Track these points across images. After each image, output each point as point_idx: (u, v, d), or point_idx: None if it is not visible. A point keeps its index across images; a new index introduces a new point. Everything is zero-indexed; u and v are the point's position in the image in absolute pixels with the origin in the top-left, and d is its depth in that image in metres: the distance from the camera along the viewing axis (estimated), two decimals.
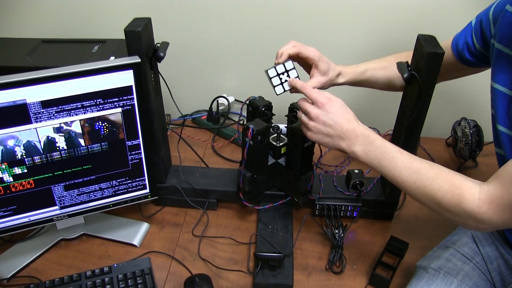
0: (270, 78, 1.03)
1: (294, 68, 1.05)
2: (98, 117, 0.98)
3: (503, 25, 0.93)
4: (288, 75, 1.04)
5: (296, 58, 1.08)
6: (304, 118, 0.95)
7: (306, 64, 1.09)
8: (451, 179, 0.85)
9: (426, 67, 0.97)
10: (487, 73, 1.49)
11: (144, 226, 1.20)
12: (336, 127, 0.92)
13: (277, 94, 1.04)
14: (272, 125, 1.18)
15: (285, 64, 1.04)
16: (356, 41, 1.49)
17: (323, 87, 1.09)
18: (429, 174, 0.87)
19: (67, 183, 1.04)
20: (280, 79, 1.04)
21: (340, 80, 1.13)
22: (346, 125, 0.92)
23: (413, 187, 0.88)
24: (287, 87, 1.04)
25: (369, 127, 1.43)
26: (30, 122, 0.92)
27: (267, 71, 1.03)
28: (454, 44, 1.10)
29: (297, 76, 1.04)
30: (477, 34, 1.03)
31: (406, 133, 1.09)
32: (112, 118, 1.00)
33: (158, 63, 1.09)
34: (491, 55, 0.97)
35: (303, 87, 0.98)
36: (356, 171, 1.22)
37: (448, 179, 0.85)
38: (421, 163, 0.89)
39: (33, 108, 0.91)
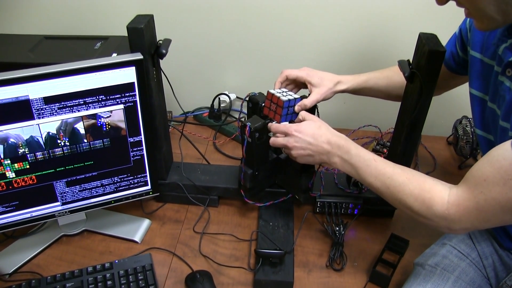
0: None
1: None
2: (100, 113, 0.99)
3: (475, 32, 0.98)
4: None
5: (291, 82, 1.19)
6: (286, 151, 1.04)
7: (303, 84, 1.18)
8: (421, 184, 0.87)
9: (427, 65, 0.97)
10: None
11: (146, 222, 1.20)
12: (312, 146, 0.98)
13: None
14: (274, 122, 1.18)
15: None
16: (357, 40, 1.49)
17: (324, 98, 1.16)
18: (401, 179, 0.90)
19: (69, 179, 1.05)
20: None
21: (340, 87, 1.18)
22: (319, 141, 0.98)
23: (387, 192, 0.92)
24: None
25: (371, 125, 1.44)
26: (32, 118, 0.93)
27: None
28: None
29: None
30: (459, 42, 1.08)
31: (407, 132, 1.09)
32: (114, 114, 1.00)
33: (160, 60, 1.09)
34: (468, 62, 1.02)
35: (269, 127, 1.06)
36: None
37: (419, 183, 0.88)
38: (393, 168, 0.92)
39: (35, 104, 0.91)
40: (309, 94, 1.15)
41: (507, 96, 0.84)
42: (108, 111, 0.99)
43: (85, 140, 1.00)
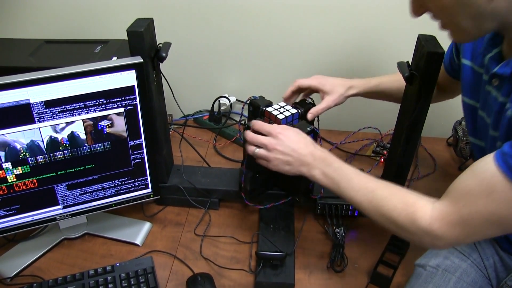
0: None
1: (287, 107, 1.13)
2: (100, 117, 0.99)
3: (467, 44, 0.99)
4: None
5: (303, 90, 1.21)
6: (262, 151, 0.98)
7: (315, 91, 1.21)
8: (405, 198, 0.86)
9: (426, 67, 0.97)
10: None
11: (146, 225, 1.21)
12: (294, 154, 0.95)
13: None
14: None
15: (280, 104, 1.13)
16: (357, 42, 1.49)
17: (336, 103, 1.18)
18: (383, 194, 0.88)
19: (70, 182, 1.05)
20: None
21: (352, 92, 1.20)
22: (303, 150, 0.95)
23: (370, 207, 0.89)
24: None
25: (371, 127, 1.44)
26: (33, 122, 0.93)
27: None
28: (444, 59, 1.14)
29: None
30: (455, 48, 1.10)
31: (407, 133, 1.09)
32: (114, 118, 1.00)
33: (160, 64, 1.09)
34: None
35: (253, 124, 1.02)
36: None
37: (402, 197, 0.86)
38: (376, 183, 0.91)
39: (36, 108, 0.92)
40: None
41: (495, 107, 0.84)
42: (108, 115, 0.99)
43: (86, 144, 1.01)
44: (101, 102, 0.97)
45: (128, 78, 0.97)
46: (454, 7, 0.76)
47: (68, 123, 0.96)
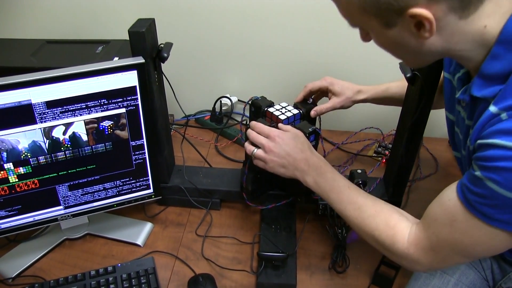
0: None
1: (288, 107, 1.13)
2: (102, 117, 0.99)
3: None
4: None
5: (315, 93, 1.22)
6: (259, 152, 0.98)
7: (325, 94, 1.23)
8: (388, 219, 0.88)
9: (428, 67, 0.97)
10: None
11: (148, 226, 1.21)
12: (289, 158, 0.95)
13: None
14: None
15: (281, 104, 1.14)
16: (359, 42, 1.48)
17: (342, 106, 1.20)
18: (369, 212, 0.90)
19: (71, 183, 1.05)
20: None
21: (360, 96, 1.21)
22: (299, 155, 0.95)
23: (355, 223, 0.91)
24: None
25: (372, 127, 1.44)
26: (35, 123, 0.93)
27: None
28: (444, 62, 1.13)
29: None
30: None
31: (409, 133, 1.09)
32: (116, 118, 1.00)
33: (162, 64, 1.09)
34: None
35: (253, 126, 1.02)
36: (359, 171, 1.22)
37: (386, 218, 0.88)
38: (365, 199, 0.92)
39: (38, 108, 0.92)
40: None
41: (463, 128, 0.83)
42: (110, 115, 0.99)
43: (87, 144, 1.01)
44: (102, 103, 0.97)
45: (130, 79, 0.97)
46: (390, 46, 0.76)
47: (69, 124, 0.96)
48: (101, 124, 1.00)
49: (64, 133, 0.97)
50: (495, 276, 1.00)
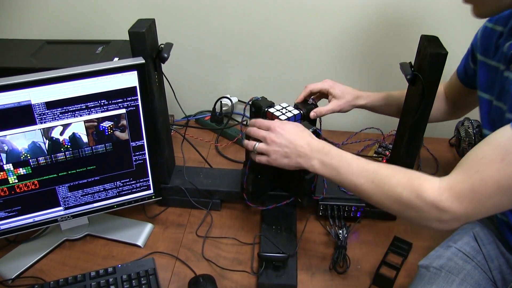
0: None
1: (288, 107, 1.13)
2: (102, 118, 0.99)
3: (482, 39, 1.03)
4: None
5: (315, 94, 1.22)
6: (261, 144, 0.98)
7: (325, 96, 1.23)
8: (409, 173, 0.84)
9: (429, 68, 0.97)
10: None
11: (148, 226, 1.20)
12: (291, 145, 0.95)
13: None
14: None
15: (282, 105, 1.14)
16: (359, 43, 1.49)
17: (341, 109, 1.20)
18: (386, 172, 0.86)
19: (71, 183, 1.05)
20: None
21: (360, 102, 1.22)
22: (300, 141, 0.95)
23: (371, 187, 0.87)
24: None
25: (373, 128, 1.43)
26: (35, 123, 0.93)
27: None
28: (458, 70, 1.19)
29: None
30: (471, 56, 1.12)
31: (410, 133, 1.09)
32: (116, 119, 1.00)
33: (162, 64, 1.09)
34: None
35: (252, 122, 1.03)
36: None
37: (406, 173, 0.85)
38: (377, 164, 0.90)
39: (37, 109, 0.91)
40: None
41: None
42: (110, 116, 0.99)
43: (88, 145, 1.00)
44: (102, 103, 0.97)
45: (130, 79, 0.97)
46: None
47: (69, 124, 0.96)
48: (101, 124, 0.99)
49: (64, 133, 0.97)
50: (506, 276, 0.99)
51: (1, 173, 0.96)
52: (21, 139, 0.93)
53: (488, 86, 0.98)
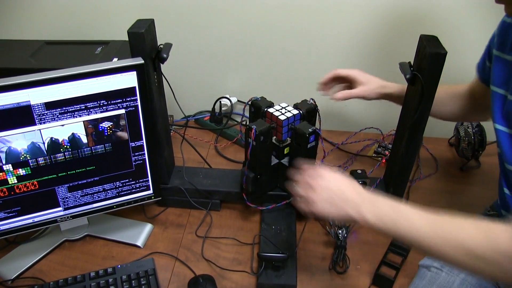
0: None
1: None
2: (101, 118, 0.99)
3: (499, 34, 1.01)
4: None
5: (338, 78, 1.25)
6: (307, 191, 0.88)
7: (347, 81, 1.25)
8: (477, 224, 0.76)
9: (428, 68, 0.97)
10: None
11: (148, 227, 1.20)
12: (338, 191, 0.86)
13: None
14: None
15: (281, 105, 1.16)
16: (358, 41, 1.49)
17: (366, 96, 1.21)
18: (453, 223, 0.78)
19: (71, 184, 1.05)
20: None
21: (386, 90, 1.23)
22: (350, 189, 0.86)
23: (438, 241, 0.77)
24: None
25: (372, 127, 1.43)
26: (34, 124, 0.93)
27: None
28: (477, 69, 1.16)
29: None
30: (488, 52, 1.10)
31: (409, 133, 1.09)
32: (115, 119, 1.00)
33: (161, 64, 1.09)
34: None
35: (300, 167, 0.94)
36: (359, 171, 1.22)
37: (475, 224, 0.76)
38: (439, 215, 0.80)
39: (37, 109, 0.91)
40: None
41: None
42: (109, 116, 0.99)
43: (87, 145, 1.00)
44: (102, 104, 0.97)
45: (129, 79, 0.97)
46: None
47: (69, 125, 0.96)
48: (101, 125, 0.99)
49: (63, 134, 0.97)
50: None
51: (1, 173, 0.95)
52: (20, 139, 0.93)
53: (503, 81, 0.97)
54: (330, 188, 0.86)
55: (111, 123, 1.00)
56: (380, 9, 1.42)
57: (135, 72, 0.97)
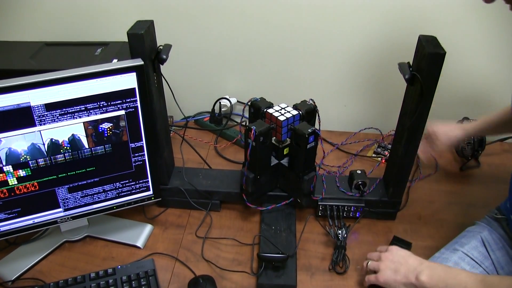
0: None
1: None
2: (101, 119, 0.99)
3: None
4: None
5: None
6: (374, 262, 1.01)
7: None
8: None
9: (427, 68, 0.97)
10: (488, 74, 1.49)
11: (148, 227, 1.20)
12: (403, 261, 0.96)
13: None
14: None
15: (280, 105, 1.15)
16: (357, 41, 1.49)
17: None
18: (501, 282, 0.82)
19: (71, 185, 1.05)
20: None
21: (463, 133, 1.25)
22: (412, 258, 0.96)
23: None
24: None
25: (372, 128, 1.43)
26: (34, 125, 0.93)
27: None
28: None
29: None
30: None
31: (408, 134, 1.09)
32: (115, 120, 1.00)
33: (161, 66, 1.09)
34: None
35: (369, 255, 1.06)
36: (359, 171, 1.22)
37: None
38: (486, 275, 0.90)
39: (37, 111, 0.91)
40: None
41: None
42: (109, 117, 0.99)
43: (87, 146, 1.01)
44: (102, 105, 0.97)
45: (129, 81, 0.97)
46: None
47: (69, 126, 0.96)
48: (101, 126, 1.00)
49: (63, 135, 0.97)
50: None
51: (1, 175, 0.96)
52: (20, 141, 0.93)
53: None
54: (396, 260, 0.98)
55: (111, 124, 1.00)
56: (379, 10, 1.42)
57: (134, 73, 0.97)
